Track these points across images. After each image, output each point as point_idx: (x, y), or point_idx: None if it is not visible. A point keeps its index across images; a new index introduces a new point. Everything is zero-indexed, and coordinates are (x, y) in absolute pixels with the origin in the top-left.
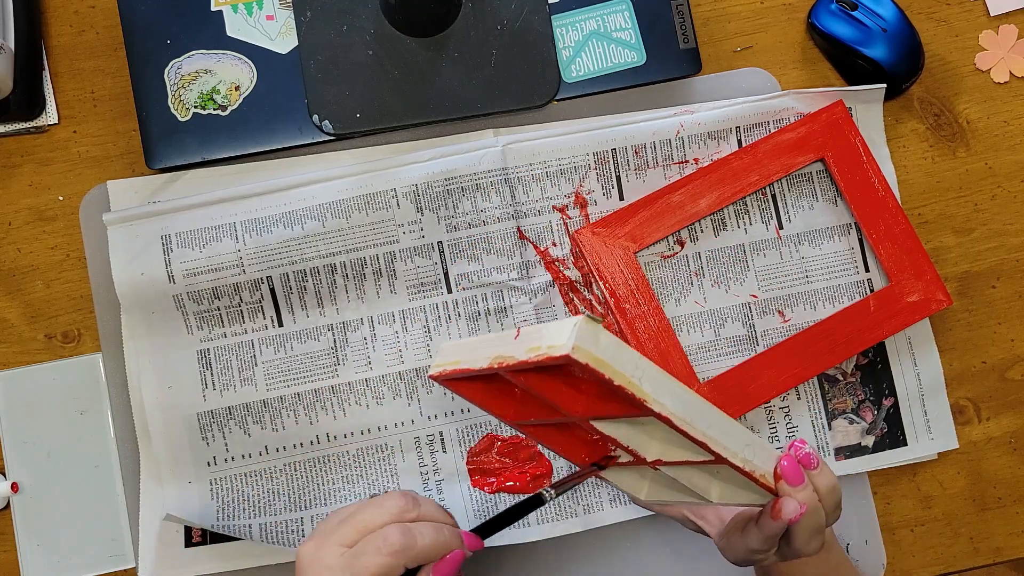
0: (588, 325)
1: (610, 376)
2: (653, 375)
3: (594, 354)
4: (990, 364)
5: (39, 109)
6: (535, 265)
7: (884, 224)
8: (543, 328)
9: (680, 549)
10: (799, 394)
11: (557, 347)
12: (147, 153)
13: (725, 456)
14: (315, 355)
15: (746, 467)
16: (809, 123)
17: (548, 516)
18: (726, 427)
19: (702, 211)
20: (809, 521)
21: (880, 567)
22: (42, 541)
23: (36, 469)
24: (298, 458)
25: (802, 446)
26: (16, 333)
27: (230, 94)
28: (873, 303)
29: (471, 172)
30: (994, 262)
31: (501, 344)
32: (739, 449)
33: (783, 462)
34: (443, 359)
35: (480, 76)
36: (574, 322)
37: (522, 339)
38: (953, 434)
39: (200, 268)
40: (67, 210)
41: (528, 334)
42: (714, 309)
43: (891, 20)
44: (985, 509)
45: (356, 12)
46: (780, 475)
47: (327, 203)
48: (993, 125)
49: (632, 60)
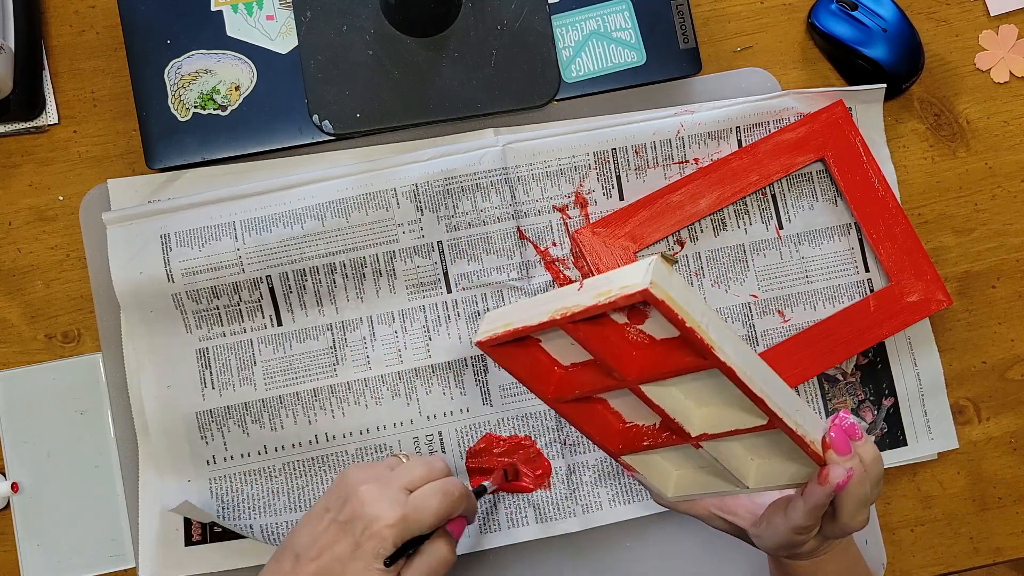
0: (663, 264)
1: (683, 317)
2: (718, 324)
3: (669, 293)
4: (990, 364)
5: (39, 109)
6: (535, 265)
7: (884, 224)
8: (611, 274)
9: (680, 549)
10: (799, 394)
11: (632, 285)
12: (147, 153)
13: (780, 416)
14: (314, 355)
15: (798, 431)
16: (809, 123)
17: (547, 515)
18: (780, 388)
19: (702, 211)
20: (855, 491)
21: (880, 567)
22: (42, 541)
23: (36, 469)
24: (297, 458)
25: (846, 417)
26: (16, 333)
27: (230, 94)
28: (873, 303)
29: (471, 172)
30: (994, 262)
31: (562, 298)
32: (791, 411)
33: (832, 432)
34: (491, 324)
35: (480, 76)
36: (649, 261)
37: (587, 288)
38: (953, 434)
39: (199, 267)
40: (67, 210)
41: (593, 283)
42: (714, 309)
43: (891, 20)
44: (985, 509)
45: (356, 12)
46: (829, 444)
47: (327, 202)
48: (993, 125)
49: (632, 60)
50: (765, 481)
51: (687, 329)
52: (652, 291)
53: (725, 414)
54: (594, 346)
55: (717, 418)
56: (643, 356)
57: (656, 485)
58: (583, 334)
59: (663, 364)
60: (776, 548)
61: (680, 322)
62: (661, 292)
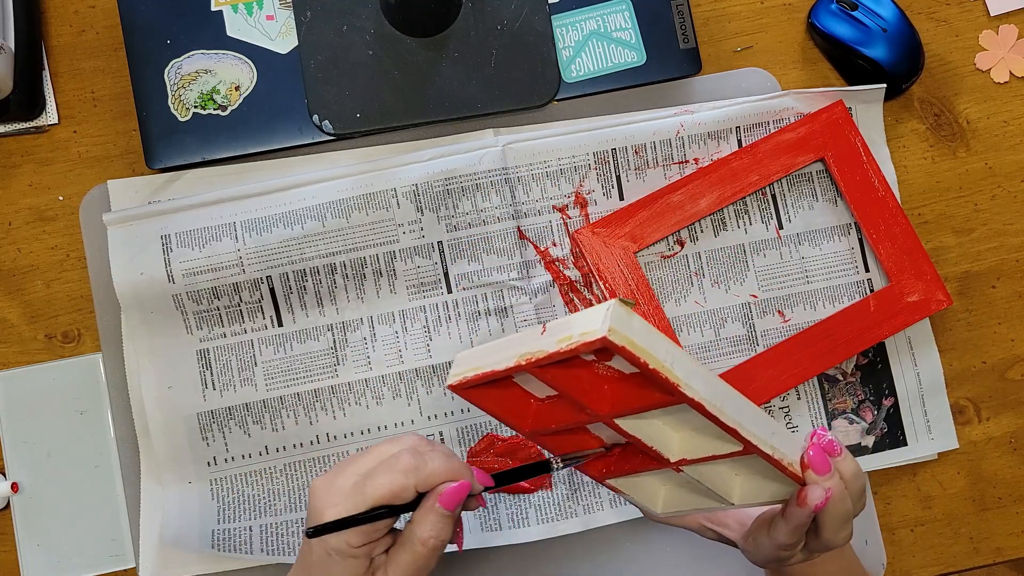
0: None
1: (645, 360)
2: (684, 361)
3: (629, 337)
4: (990, 364)
5: (39, 109)
6: (535, 265)
7: (884, 224)
8: (571, 319)
9: (679, 550)
10: (799, 394)
11: (591, 332)
12: (147, 153)
13: (755, 443)
14: (315, 355)
15: (775, 455)
16: (809, 123)
17: (548, 516)
18: (753, 415)
19: (702, 211)
20: (837, 508)
21: (880, 567)
22: (42, 541)
23: (36, 469)
24: (298, 458)
25: (824, 434)
26: (16, 333)
27: (230, 94)
28: (873, 303)
29: (471, 172)
30: (994, 262)
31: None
32: (767, 437)
33: (810, 451)
34: (461, 367)
35: (480, 76)
36: (607, 306)
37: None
38: (953, 434)
39: (200, 268)
40: (67, 210)
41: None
42: (714, 309)
43: (891, 20)
44: (985, 509)
45: (356, 12)
46: (807, 464)
47: (327, 203)
48: (993, 125)
49: (632, 60)
50: (749, 498)
51: (651, 371)
52: (611, 338)
53: (702, 441)
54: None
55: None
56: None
57: (645, 503)
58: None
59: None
60: (764, 563)
61: (643, 365)
62: (620, 338)
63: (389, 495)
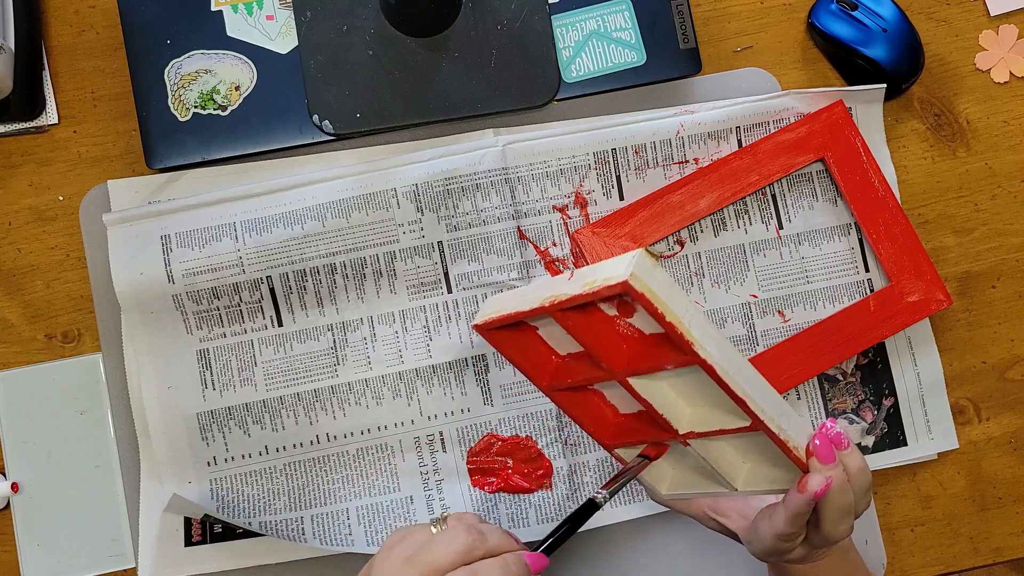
0: (646, 258)
1: (662, 311)
2: (701, 322)
3: (650, 287)
4: (990, 364)
5: (39, 109)
6: (535, 265)
7: (884, 224)
8: (597, 266)
9: (680, 549)
10: (799, 394)
11: (614, 277)
12: (147, 153)
13: (762, 419)
14: (315, 355)
15: (781, 435)
16: (809, 123)
17: (548, 516)
18: (764, 390)
19: (702, 211)
20: (837, 500)
21: (880, 567)
22: (42, 541)
23: (36, 469)
24: (298, 458)
25: (832, 426)
26: (16, 333)
27: (230, 94)
28: (873, 303)
29: (471, 172)
30: (994, 262)
31: (554, 286)
32: (775, 415)
33: (816, 440)
34: (489, 309)
35: (480, 76)
36: (633, 254)
37: (576, 278)
38: (953, 434)
39: (199, 268)
40: (67, 210)
41: (582, 273)
42: (714, 309)
43: (891, 20)
44: (985, 509)
45: (356, 12)
46: (812, 452)
47: (327, 203)
48: (993, 125)
49: (632, 60)
50: (753, 484)
51: (667, 324)
52: (632, 283)
53: (712, 414)
54: (583, 335)
55: (705, 417)
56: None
57: (651, 482)
58: (571, 322)
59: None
60: (764, 554)
61: (660, 316)
62: (641, 285)
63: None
